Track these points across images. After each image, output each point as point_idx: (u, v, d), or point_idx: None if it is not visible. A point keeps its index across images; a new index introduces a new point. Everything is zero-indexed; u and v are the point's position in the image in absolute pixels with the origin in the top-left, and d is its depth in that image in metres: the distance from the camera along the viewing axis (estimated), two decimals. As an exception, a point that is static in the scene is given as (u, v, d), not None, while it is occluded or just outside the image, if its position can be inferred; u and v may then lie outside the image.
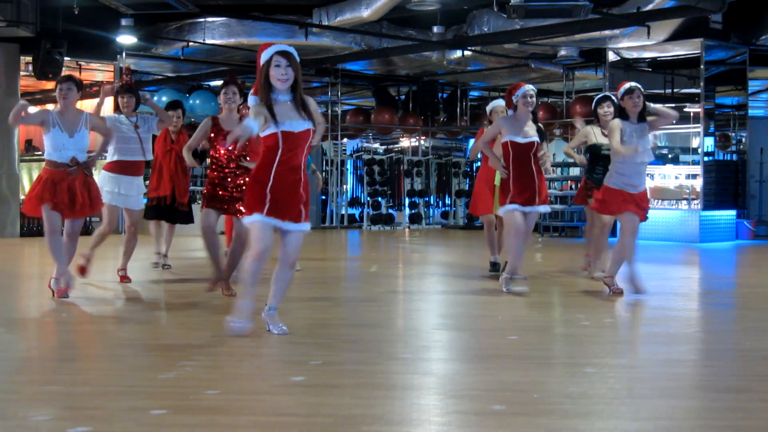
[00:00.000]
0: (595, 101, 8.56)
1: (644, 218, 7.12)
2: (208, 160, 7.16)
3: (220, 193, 6.87)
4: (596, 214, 8.05)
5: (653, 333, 5.80)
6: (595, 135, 8.32)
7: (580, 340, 5.30)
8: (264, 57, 5.08)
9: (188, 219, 9.32)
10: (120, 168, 7.82)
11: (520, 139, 7.17)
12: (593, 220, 8.45)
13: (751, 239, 14.99)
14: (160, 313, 6.49)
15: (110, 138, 7.16)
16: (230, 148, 6.74)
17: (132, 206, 7.90)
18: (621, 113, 7.14)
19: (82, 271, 7.61)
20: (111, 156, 7.86)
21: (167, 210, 9.07)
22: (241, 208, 6.19)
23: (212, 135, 6.90)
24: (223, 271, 6.89)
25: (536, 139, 7.20)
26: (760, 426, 3.48)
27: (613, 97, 8.28)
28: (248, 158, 6.84)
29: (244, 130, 4.94)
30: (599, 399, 3.82)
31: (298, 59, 5.11)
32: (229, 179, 6.87)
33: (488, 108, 8.79)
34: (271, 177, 5.03)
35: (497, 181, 7.99)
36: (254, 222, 5.05)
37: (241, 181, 6.82)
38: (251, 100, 5.17)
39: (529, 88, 7.25)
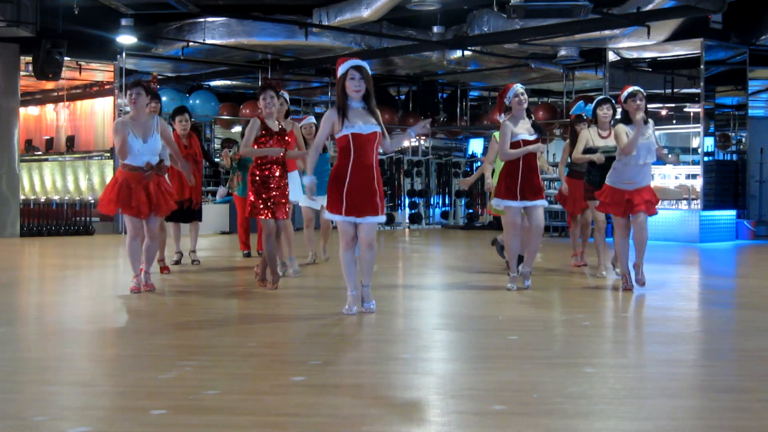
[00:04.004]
0: (594, 103, 8.66)
1: (649, 210, 7.27)
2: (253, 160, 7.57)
3: (264, 195, 7.35)
4: (586, 214, 8.69)
5: (653, 333, 5.81)
6: (591, 138, 8.44)
7: (580, 340, 5.30)
8: (341, 70, 5.90)
9: (199, 217, 9.75)
10: None
11: (528, 136, 7.34)
12: (585, 220, 9.00)
13: (751, 239, 14.99)
14: (161, 314, 6.48)
15: (172, 148, 7.33)
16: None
17: None
18: (625, 116, 7.27)
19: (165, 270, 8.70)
20: None
21: (186, 212, 9.38)
22: (279, 210, 7.36)
23: (261, 135, 7.33)
24: (264, 269, 7.52)
25: (527, 136, 7.32)
26: (760, 426, 3.48)
27: (613, 100, 8.56)
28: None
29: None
30: (599, 399, 3.82)
31: (370, 72, 5.95)
32: (272, 182, 7.38)
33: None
34: (348, 174, 5.85)
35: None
36: (337, 220, 5.98)
37: (280, 182, 7.40)
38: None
39: (518, 87, 7.42)
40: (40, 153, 18.32)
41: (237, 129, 19.21)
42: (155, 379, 4.17)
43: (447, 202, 20.34)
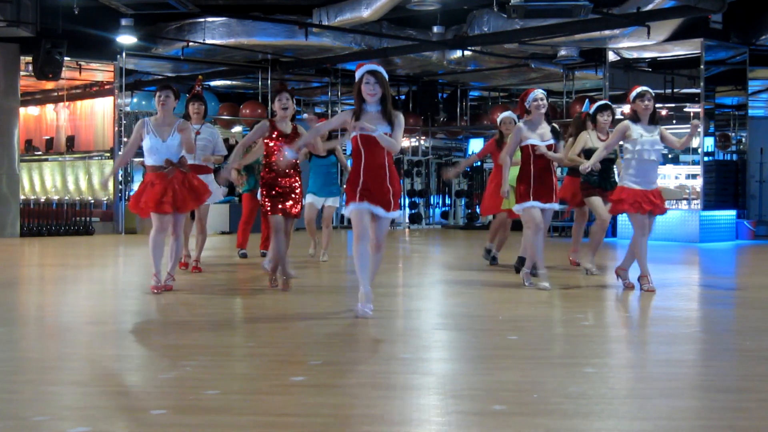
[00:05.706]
0: (595, 107, 8.92)
1: (661, 212, 7.41)
2: (262, 161, 7.55)
3: (275, 192, 7.27)
4: (584, 209, 9.12)
5: (653, 333, 5.81)
6: (591, 140, 8.76)
7: (580, 340, 5.30)
8: (357, 75, 6.03)
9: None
10: None
11: (539, 142, 7.60)
12: (582, 218, 9.39)
13: (751, 239, 14.99)
14: (161, 314, 6.48)
15: (188, 148, 7.28)
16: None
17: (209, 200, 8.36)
18: (633, 115, 7.44)
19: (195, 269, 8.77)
20: None
21: None
22: (287, 207, 7.23)
23: (269, 137, 7.30)
24: (275, 268, 7.42)
25: (553, 141, 7.64)
26: (760, 426, 3.48)
27: (613, 106, 9.03)
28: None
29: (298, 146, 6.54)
30: (599, 399, 3.82)
31: (386, 77, 6.03)
32: (280, 179, 7.28)
33: (498, 119, 9.54)
34: (361, 173, 5.93)
35: (512, 182, 8.46)
36: (351, 210, 5.92)
37: (290, 182, 7.30)
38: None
39: (539, 92, 7.70)
40: (40, 153, 18.32)
41: (237, 129, 19.20)
42: (155, 379, 4.17)
43: (447, 202, 20.34)
